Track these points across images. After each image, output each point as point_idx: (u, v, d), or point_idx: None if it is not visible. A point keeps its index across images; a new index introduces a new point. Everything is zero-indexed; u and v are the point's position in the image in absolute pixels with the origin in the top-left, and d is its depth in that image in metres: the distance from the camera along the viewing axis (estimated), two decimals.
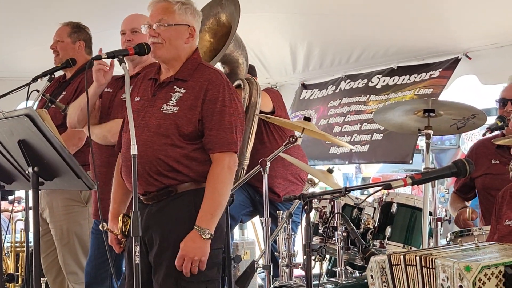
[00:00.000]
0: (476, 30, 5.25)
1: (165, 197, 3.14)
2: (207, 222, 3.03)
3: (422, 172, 2.41)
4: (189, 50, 3.25)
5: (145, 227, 3.12)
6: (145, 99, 3.23)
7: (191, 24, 3.22)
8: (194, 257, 3.00)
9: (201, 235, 3.01)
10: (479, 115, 3.58)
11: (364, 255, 2.69)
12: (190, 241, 3.01)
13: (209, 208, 3.05)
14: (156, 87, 3.23)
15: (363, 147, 5.88)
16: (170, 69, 3.24)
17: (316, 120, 6.54)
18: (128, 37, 3.93)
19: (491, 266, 2.11)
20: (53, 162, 2.98)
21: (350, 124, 6.15)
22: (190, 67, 3.22)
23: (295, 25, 5.86)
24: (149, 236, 3.13)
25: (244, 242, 6.24)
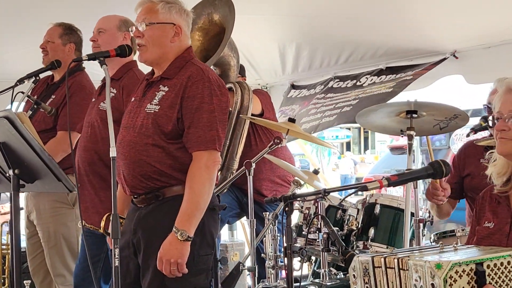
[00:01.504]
0: (463, 31, 5.25)
1: (153, 201, 3.12)
2: (184, 223, 2.97)
3: (398, 174, 2.41)
4: (177, 49, 3.20)
5: (134, 230, 3.13)
6: (137, 100, 3.23)
7: (176, 23, 3.18)
8: (171, 259, 2.95)
9: (177, 237, 2.95)
10: (461, 115, 3.59)
11: (343, 257, 2.69)
12: (167, 243, 2.98)
13: (186, 209, 2.99)
14: (146, 87, 3.23)
15: (330, 118, 5.91)
16: (159, 70, 3.22)
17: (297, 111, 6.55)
18: (93, 37, 3.96)
19: (462, 263, 2.11)
20: (33, 165, 2.99)
21: (325, 105, 6.17)
22: (178, 65, 3.17)
23: (283, 26, 5.87)
24: (137, 239, 3.13)
25: (234, 244, 6.24)
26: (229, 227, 6.61)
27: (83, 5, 4.94)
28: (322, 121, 6.04)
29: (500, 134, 2.45)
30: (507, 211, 2.47)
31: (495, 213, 2.51)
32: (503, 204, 2.50)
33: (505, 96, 2.47)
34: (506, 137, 2.43)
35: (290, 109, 6.73)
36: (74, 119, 4.20)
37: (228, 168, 4.58)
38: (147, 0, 3.18)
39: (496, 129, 2.46)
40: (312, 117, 6.23)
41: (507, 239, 2.40)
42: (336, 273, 3.62)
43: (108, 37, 3.89)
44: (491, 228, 2.49)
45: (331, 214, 3.91)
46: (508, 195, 2.51)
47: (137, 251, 3.13)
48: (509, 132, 2.43)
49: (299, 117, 6.31)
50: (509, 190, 2.51)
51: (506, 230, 2.43)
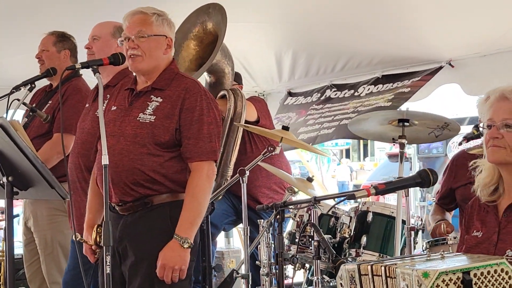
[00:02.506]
0: (459, 39, 5.27)
1: (140, 209, 3.16)
2: (186, 231, 3.05)
3: (385, 182, 2.43)
4: (167, 61, 3.28)
5: (119, 238, 3.15)
6: (122, 108, 3.25)
7: (168, 35, 3.26)
8: (175, 266, 3.03)
9: (180, 244, 3.03)
10: (451, 124, 3.62)
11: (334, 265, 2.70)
12: (170, 251, 3.04)
13: (188, 217, 3.07)
14: (133, 96, 3.25)
15: (329, 130, 5.92)
16: (148, 80, 3.26)
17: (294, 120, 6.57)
18: (88, 44, 3.99)
19: (449, 272, 2.12)
20: (27, 172, 3.01)
21: (323, 117, 6.18)
22: (168, 77, 3.24)
23: (280, 34, 5.88)
24: (123, 247, 3.15)
25: (230, 251, 6.26)
26: (226, 234, 6.62)
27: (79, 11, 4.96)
28: (321, 133, 6.05)
29: (492, 142, 2.45)
30: (495, 220, 2.48)
31: (484, 222, 2.52)
32: (491, 213, 2.51)
33: (497, 104, 2.47)
34: (499, 145, 2.44)
35: (286, 117, 6.74)
36: (70, 121, 4.22)
37: (222, 175, 4.60)
38: (139, 11, 3.22)
39: (489, 136, 2.46)
40: (310, 128, 6.23)
41: (495, 248, 2.41)
42: (329, 281, 3.63)
43: (102, 44, 3.91)
44: (479, 237, 2.50)
45: (324, 222, 3.93)
46: (496, 204, 2.51)
47: (122, 259, 3.16)
48: (502, 140, 2.43)
49: (297, 126, 6.31)
50: (497, 199, 2.52)
51: (494, 239, 2.44)
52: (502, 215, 2.47)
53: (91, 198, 3.37)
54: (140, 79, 3.29)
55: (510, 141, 2.42)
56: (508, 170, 2.49)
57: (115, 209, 3.20)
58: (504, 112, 2.44)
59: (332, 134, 5.96)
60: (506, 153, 2.44)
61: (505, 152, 2.44)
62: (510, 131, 2.42)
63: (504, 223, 2.45)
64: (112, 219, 3.16)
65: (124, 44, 3.21)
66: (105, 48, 3.80)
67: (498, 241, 2.42)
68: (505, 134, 2.43)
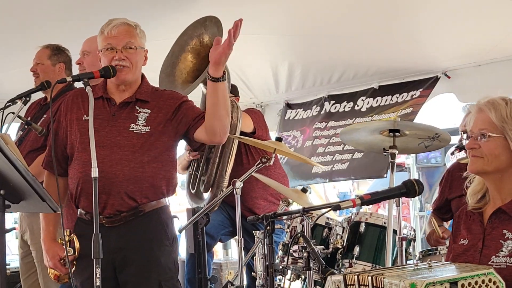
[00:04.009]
0: (454, 49, 5.30)
1: (132, 218, 3.21)
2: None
3: (371, 193, 2.44)
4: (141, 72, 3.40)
5: (116, 249, 3.17)
6: (102, 118, 3.26)
7: (145, 48, 3.36)
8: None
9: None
10: (442, 135, 3.64)
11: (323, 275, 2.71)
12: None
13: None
14: (115, 107, 3.30)
15: (343, 165, 5.93)
16: (126, 91, 3.32)
17: (302, 142, 6.59)
18: (79, 60, 4.04)
19: (436, 283, 2.12)
20: (18, 185, 3.00)
21: (333, 145, 6.19)
22: (146, 89, 3.36)
23: (275, 46, 5.91)
24: (122, 256, 3.19)
25: (228, 262, 6.25)
26: (224, 246, 6.63)
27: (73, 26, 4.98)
28: (335, 168, 6.07)
29: (471, 152, 2.50)
30: (480, 227, 2.50)
31: (469, 230, 2.54)
32: (477, 221, 2.53)
33: (475, 116, 2.52)
34: (477, 155, 2.48)
35: (292, 137, 6.77)
36: None
37: (218, 186, 4.61)
38: (124, 22, 3.26)
39: (467, 147, 2.52)
40: (322, 159, 6.24)
41: (480, 255, 2.42)
42: None
43: (93, 58, 3.93)
44: (466, 245, 2.51)
45: (317, 233, 3.93)
46: (482, 212, 2.53)
47: (118, 269, 3.19)
48: (479, 150, 2.47)
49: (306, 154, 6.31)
50: (482, 206, 2.54)
51: (479, 246, 2.45)
52: (487, 222, 2.49)
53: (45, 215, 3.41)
54: (116, 89, 3.33)
55: (486, 150, 2.46)
56: (489, 179, 2.53)
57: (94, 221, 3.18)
58: (481, 123, 2.48)
59: (348, 171, 5.98)
60: (484, 163, 2.47)
61: (483, 161, 2.47)
62: (486, 141, 2.46)
63: (489, 229, 2.47)
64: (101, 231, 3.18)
65: (106, 54, 3.24)
66: (95, 62, 3.81)
67: (483, 247, 2.44)
68: (481, 144, 2.47)
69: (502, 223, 2.44)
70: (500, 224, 2.44)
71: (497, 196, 2.50)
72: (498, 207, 2.47)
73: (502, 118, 2.43)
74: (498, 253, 2.37)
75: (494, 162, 2.45)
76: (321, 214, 2.77)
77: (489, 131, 2.44)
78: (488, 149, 2.45)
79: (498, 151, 2.44)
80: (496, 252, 2.38)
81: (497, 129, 2.44)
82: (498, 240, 2.40)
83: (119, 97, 3.32)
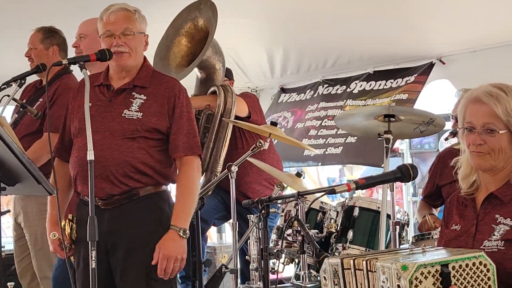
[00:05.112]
0: (449, 35, 5.31)
1: (126, 201, 3.21)
2: (183, 222, 3.17)
3: (366, 177, 2.45)
4: (143, 57, 3.38)
5: (107, 232, 3.17)
6: (99, 105, 3.28)
7: (145, 32, 3.35)
8: (177, 255, 3.12)
9: (179, 235, 3.13)
10: (437, 120, 3.64)
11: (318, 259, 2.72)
12: (171, 241, 3.13)
13: (184, 208, 3.20)
14: (112, 93, 3.30)
15: (336, 149, 5.91)
16: (126, 76, 3.32)
17: (292, 122, 6.59)
18: (75, 43, 4.01)
19: (427, 265, 2.14)
20: (13, 168, 3.02)
21: (326, 128, 6.19)
22: (146, 74, 3.33)
23: (270, 31, 5.91)
24: (113, 239, 3.19)
25: (222, 246, 6.29)
26: (218, 230, 6.66)
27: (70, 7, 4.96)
28: (328, 152, 6.04)
29: (476, 148, 2.43)
30: (473, 213, 2.50)
31: (462, 215, 2.54)
32: (470, 207, 2.53)
33: (474, 107, 2.43)
34: (483, 151, 2.42)
35: (282, 117, 6.76)
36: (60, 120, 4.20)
37: (212, 171, 4.63)
38: (122, 8, 3.25)
39: (472, 142, 2.43)
40: (314, 142, 6.22)
41: (473, 240, 2.43)
42: (316, 275, 3.65)
43: (90, 42, 3.93)
44: (458, 230, 2.52)
45: (311, 217, 3.95)
46: (474, 198, 2.53)
47: (111, 252, 3.19)
48: (484, 146, 2.41)
49: (297, 136, 6.30)
50: (475, 192, 2.54)
51: (472, 232, 2.45)
52: (480, 208, 2.49)
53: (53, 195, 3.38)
54: (117, 75, 3.34)
55: (492, 145, 2.40)
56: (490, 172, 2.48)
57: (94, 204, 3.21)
58: (483, 116, 2.40)
59: (341, 156, 5.95)
60: (490, 158, 2.42)
61: (489, 157, 2.42)
62: (492, 135, 2.40)
63: (482, 215, 2.47)
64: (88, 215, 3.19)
65: (106, 40, 3.24)
66: (92, 45, 3.81)
67: (476, 232, 2.44)
68: (487, 139, 2.41)
69: (494, 208, 2.44)
70: (492, 209, 2.45)
71: (491, 181, 2.49)
72: (490, 193, 2.47)
73: (507, 111, 2.37)
74: (490, 237, 2.38)
75: (500, 156, 2.41)
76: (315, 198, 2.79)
77: (498, 128, 2.38)
78: (495, 145, 2.40)
79: (504, 145, 2.40)
80: (489, 236, 2.39)
81: (502, 123, 2.38)
82: (491, 224, 2.41)
83: (118, 83, 3.32)
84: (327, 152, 5.98)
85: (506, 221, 2.38)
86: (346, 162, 6.26)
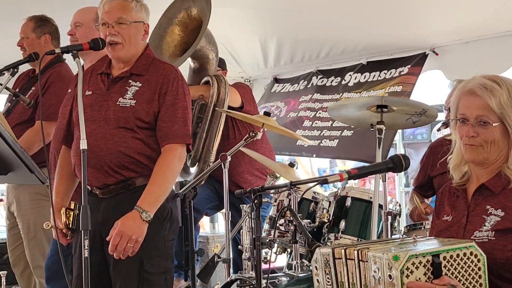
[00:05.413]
0: (442, 26, 5.31)
1: (123, 191, 3.20)
2: (150, 205, 3.07)
3: (358, 167, 2.46)
4: (143, 46, 3.34)
5: (102, 221, 3.17)
6: (98, 93, 3.28)
7: (145, 21, 3.31)
8: (132, 236, 3.02)
9: (141, 216, 3.04)
10: (429, 111, 3.66)
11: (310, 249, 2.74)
12: (130, 220, 3.04)
13: (154, 192, 3.10)
14: (110, 81, 3.28)
15: (332, 142, 5.91)
16: (125, 66, 3.30)
17: (285, 112, 6.58)
18: (71, 31, 3.99)
19: (418, 255, 2.15)
20: (6, 157, 3.03)
21: (321, 120, 6.19)
22: (144, 62, 3.30)
23: (264, 21, 5.90)
24: (108, 229, 3.15)
25: (215, 236, 6.30)
26: (210, 219, 6.67)
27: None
28: (323, 144, 6.02)
29: (469, 141, 2.44)
30: (464, 203, 2.51)
31: (453, 206, 2.55)
32: (461, 198, 2.54)
33: (467, 99, 2.44)
34: (476, 144, 2.43)
35: (275, 107, 6.76)
36: (53, 108, 4.22)
37: (204, 161, 4.64)
38: None
39: (465, 134, 2.44)
40: (309, 133, 6.21)
41: (464, 231, 2.45)
42: (308, 265, 3.66)
43: (86, 30, 3.91)
44: (449, 221, 2.53)
45: (304, 207, 3.96)
46: (465, 188, 2.55)
47: (105, 242, 3.16)
48: (477, 139, 2.42)
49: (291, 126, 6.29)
50: (466, 182, 2.55)
51: (463, 222, 2.47)
52: (471, 199, 2.50)
53: (58, 182, 3.39)
54: (117, 64, 3.32)
55: (485, 138, 2.41)
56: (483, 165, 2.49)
57: (93, 192, 3.23)
58: (477, 109, 2.41)
59: (337, 150, 5.92)
60: (483, 151, 2.43)
61: (482, 150, 2.43)
62: (485, 128, 2.41)
63: (472, 206, 2.48)
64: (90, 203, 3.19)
65: (102, 30, 3.23)
66: (88, 34, 3.78)
67: (467, 223, 2.45)
68: (480, 131, 2.41)
69: (485, 199, 2.45)
70: (483, 200, 2.46)
71: (482, 172, 2.50)
72: (481, 184, 2.48)
73: (501, 104, 2.37)
74: (481, 228, 2.40)
75: (492, 149, 2.42)
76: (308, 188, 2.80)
77: (491, 120, 2.39)
78: (488, 137, 2.41)
79: (498, 138, 2.41)
80: (480, 227, 2.40)
81: (495, 115, 2.38)
82: (482, 215, 2.42)
83: (117, 72, 3.31)
84: (322, 144, 5.96)
85: (497, 212, 2.39)
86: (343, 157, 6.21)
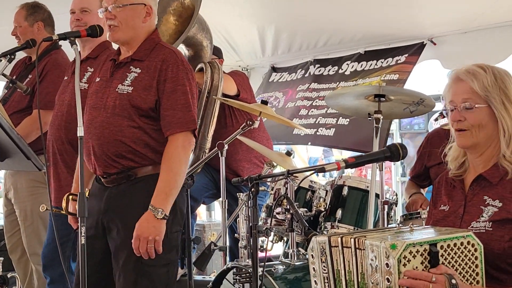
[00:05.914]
0: (440, 16, 5.30)
1: (124, 181, 3.17)
2: (161, 202, 3.03)
3: (355, 156, 2.46)
4: (148, 29, 3.27)
5: (105, 209, 3.17)
6: (104, 80, 3.25)
7: (147, 3, 3.24)
8: (149, 236, 3.00)
9: (154, 215, 3.01)
10: (426, 100, 3.66)
11: (306, 237, 2.74)
12: (145, 222, 3.02)
13: (164, 188, 3.05)
14: (114, 67, 3.25)
15: (328, 131, 5.89)
16: (129, 50, 3.26)
17: (283, 102, 6.58)
18: (77, 16, 3.97)
19: (416, 244, 2.16)
20: (3, 143, 3.02)
21: (317, 108, 6.18)
22: (148, 47, 3.23)
23: (262, 9, 5.89)
24: (108, 218, 3.16)
25: (211, 224, 6.30)
26: (207, 208, 6.68)
27: None
28: (319, 133, 6.00)
29: (456, 125, 2.46)
30: (461, 194, 2.52)
31: (450, 196, 2.56)
32: (458, 188, 2.54)
33: (455, 86, 2.47)
34: (463, 128, 2.45)
35: (274, 97, 6.75)
36: (50, 97, 4.21)
37: (200, 148, 4.63)
38: None
39: (452, 119, 2.46)
40: (305, 121, 6.19)
41: (461, 221, 2.45)
42: (304, 253, 3.67)
43: (94, 17, 3.87)
44: (446, 211, 2.53)
45: (301, 195, 3.97)
46: (463, 179, 2.55)
47: (107, 231, 3.17)
48: (464, 123, 2.44)
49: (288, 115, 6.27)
50: (463, 173, 2.55)
51: (460, 212, 2.47)
52: (468, 189, 2.50)
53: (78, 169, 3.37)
54: (122, 50, 3.29)
55: (473, 121, 2.43)
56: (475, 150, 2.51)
57: (100, 181, 3.23)
58: (462, 93, 2.44)
59: (334, 138, 5.88)
60: (471, 135, 2.45)
61: (470, 134, 2.45)
62: (471, 111, 2.43)
63: (470, 196, 2.48)
64: (97, 190, 3.19)
65: (104, 15, 3.21)
66: (96, 21, 3.74)
67: (464, 213, 2.46)
68: (466, 115, 2.43)
69: (483, 189, 2.46)
70: (481, 190, 2.46)
71: (479, 162, 2.51)
72: (479, 174, 2.48)
73: (484, 87, 2.39)
74: (479, 219, 2.40)
75: (481, 132, 2.43)
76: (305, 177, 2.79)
77: (475, 102, 2.41)
78: (474, 120, 2.42)
79: (485, 121, 2.42)
80: (477, 218, 2.41)
81: (480, 98, 2.41)
82: (479, 206, 2.43)
83: (122, 58, 3.27)
84: (318, 133, 5.95)
85: (495, 203, 2.40)
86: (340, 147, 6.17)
